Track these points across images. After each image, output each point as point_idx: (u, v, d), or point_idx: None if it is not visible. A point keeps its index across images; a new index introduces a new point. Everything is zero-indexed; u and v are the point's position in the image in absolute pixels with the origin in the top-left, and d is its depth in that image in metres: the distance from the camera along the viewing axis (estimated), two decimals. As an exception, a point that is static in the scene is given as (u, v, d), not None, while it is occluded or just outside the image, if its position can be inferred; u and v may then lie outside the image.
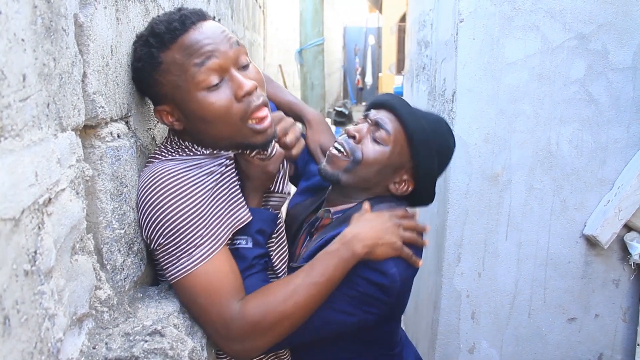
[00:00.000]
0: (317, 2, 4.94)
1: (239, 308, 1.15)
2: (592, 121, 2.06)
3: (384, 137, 1.39)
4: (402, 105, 1.42)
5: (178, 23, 1.13)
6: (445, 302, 2.26)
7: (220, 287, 1.15)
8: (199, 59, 1.13)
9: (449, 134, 1.48)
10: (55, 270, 0.79)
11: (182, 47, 1.13)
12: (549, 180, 2.12)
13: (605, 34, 1.99)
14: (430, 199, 1.51)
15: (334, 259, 1.21)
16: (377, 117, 1.42)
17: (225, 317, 1.14)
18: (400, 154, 1.40)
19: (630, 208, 2.00)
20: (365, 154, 1.39)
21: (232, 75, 1.17)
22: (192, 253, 1.13)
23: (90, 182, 0.99)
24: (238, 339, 1.16)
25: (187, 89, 1.14)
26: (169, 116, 1.21)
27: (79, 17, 0.92)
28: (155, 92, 1.19)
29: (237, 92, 1.16)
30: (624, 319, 2.21)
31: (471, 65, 2.05)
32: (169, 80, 1.15)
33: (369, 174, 1.40)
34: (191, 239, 1.13)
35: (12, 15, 0.67)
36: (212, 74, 1.14)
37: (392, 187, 1.44)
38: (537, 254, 2.19)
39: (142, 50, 1.15)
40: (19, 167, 0.68)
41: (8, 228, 0.64)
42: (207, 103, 1.15)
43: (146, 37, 1.15)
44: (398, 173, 1.43)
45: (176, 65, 1.13)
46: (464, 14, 2.03)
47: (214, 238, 1.16)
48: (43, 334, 0.74)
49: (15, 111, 0.67)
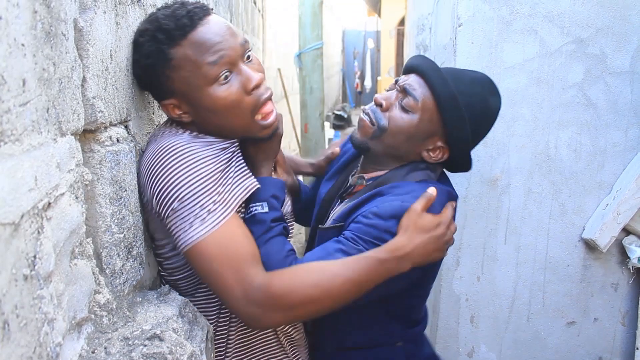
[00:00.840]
0: (316, 5, 4.94)
1: (265, 277, 1.13)
2: (591, 125, 2.07)
3: (411, 104, 1.33)
4: (432, 69, 1.35)
5: (187, 19, 1.14)
6: (444, 306, 2.26)
7: (237, 250, 1.13)
8: (213, 57, 1.14)
9: (490, 94, 1.39)
10: (54, 275, 0.79)
11: (193, 44, 1.14)
12: (547, 184, 2.12)
13: (603, 38, 2.00)
14: (467, 166, 1.45)
15: (381, 268, 1.18)
16: (405, 83, 1.36)
17: (244, 282, 1.11)
18: (431, 120, 1.34)
19: (628, 212, 2.00)
20: (391, 122, 1.35)
21: (241, 68, 1.19)
22: (205, 218, 1.12)
23: (90, 186, 0.99)
24: (257, 305, 1.12)
25: (199, 84, 1.16)
26: (176, 109, 1.22)
27: (78, 21, 0.92)
28: (164, 87, 1.20)
29: (246, 85, 1.19)
30: (623, 322, 2.22)
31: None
32: (181, 76, 1.16)
33: (397, 142, 1.36)
34: (205, 204, 1.12)
35: (12, 20, 0.67)
36: (223, 69, 1.16)
37: (426, 155, 1.38)
38: (536, 258, 2.19)
39: (151, 46, 1.15)
40: (19, 172, 0.68)
41: (7, 233, 0.64)
42: (220, 97, 1.17)
43: (153, 33, 1.15)
44: (430, 140, 1.37)
45: (188, 61, 1.14)
46: (462, 18, 2.03)
47: (226, 204, 1.15)
48: (42, 339, 0.73)
49: (15, 116, 0.67)
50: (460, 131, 1.34)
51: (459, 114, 1.32)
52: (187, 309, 1.20)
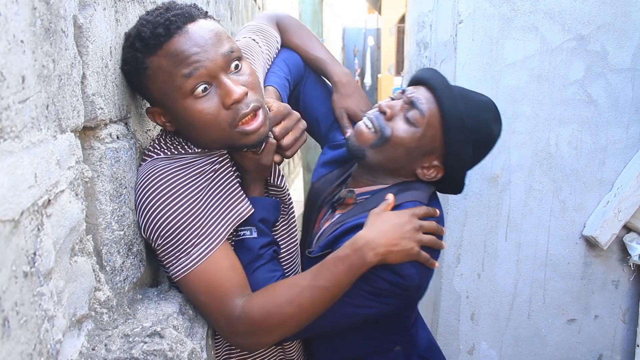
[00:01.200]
0: (316, 3, 4.94)
1: (243, 306, 1.15)
2: (592, 122, 2.06)
3: (417, 117, 1.30)
4: (443, 85, 1.32)
5: (162, 28, 1.08)
6: (445, 303, 2.26)
7: (221, 284, 1.15)
8: (187, 69, 1.08)
9: (494, 122, 1.37)
10: (54, 272, 0.79)
11: (167, 54, 1.08)
12: (548, 181, 2.12)
13: (604, 35, 2.00)
14: (459, 189, 1.43)
15: (344, 265, 1.16)
16: (413, 95, 1.33)
17: (227, 314, 1.15)
18: (433, 138, 1.31)
19: (629, 209, 2.00)
20: (394, 132, 1.32)
21: (221, 81, 1.12)
22: (190, 252, 1.13)
23: (90, 183, 0.99)
24: (242, 334, 1.17)
25: (174, 97, 1.11)
26: (161, 117, 1.19)
27: (78, 18, 0.92)
28: (145, 95, 1.19)
29: (224, 100, 1.12)
30: (624, 319, 2.21)
31: (470, 67, 2.05)
32: (156, 87, 1.12)
33: (396, 154, 1.33)
34: (188, 239, 1.13)
35: (11, 16, 0.67)
36: (200, 82, 1.10)
37: (420, 172, 1.36)
38: (537, 255, 2.19)
39: (129, 53, 1.11)
40: (19, 169, 0.68)
41: (7, 229, 0.64)
42: (195, 111, 1.12)
43: (132, 40, 1.11)
44: (428, 158, 1.35)
45: (163, 72, 1.10)
46: (463, 15, 2.03)
47: (212, 236, 1.16)
48: (42, 336, 0.73)
49: (15, 113, 0.67)
50: (461, 154, 1.33)
51: (463, 136, 1.30)
52: (187, 306, 1.20)
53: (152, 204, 1.12)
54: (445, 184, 1.42)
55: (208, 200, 1.18)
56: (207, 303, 1.16)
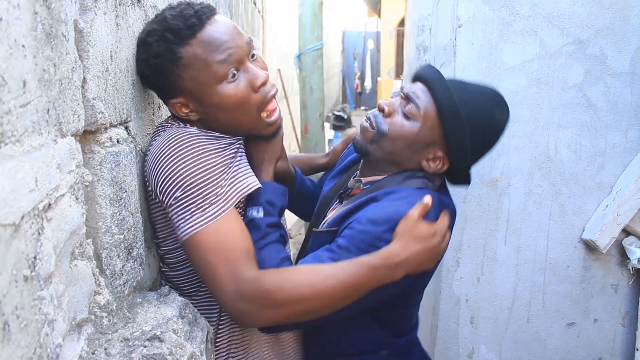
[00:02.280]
0: (316, 6, 4.95)
1: (256, 272, 1.14)
2: (591, 126, 2.07)
3: (413, 111, 1.34)
4: (436, 78, 1.36)
5: (196, 19, 1.17)
6: (444, 307, 2.26)
7: (231, 246, 1.15)
8: (221, 55, 1.17)
9: (496, 108, 1.37)
10: (54, 276, 0.79)
11: (202, 43, 1.17)
12: (547, 184, 2.12)
13: (603, 39, 2.00)
14: (465, 180, 1.45)
15: (372, 273, 1.17)
16: (409, 91, 1.37)
17: (236, 276, 1.12)
18: (432, 129, 1.34)
19: (628, 213, 2.00)
20: (390, 128, 1.35)
21: (248, 67, 1.23)
22: (206, 209, 1.14)
23: (90, 187, 0.99)
24: (247, 300, 1.12)
25: (209, 82, 1.19)
26: (183, 108, 1.24)
27: (79, 22, 0.93)
28: (173, 86, 1.22)
29: (254, 82, 1.22)
30: (623, 323, 2.22)
31: (470, 70, 2.06)
32: (190, 75, 1.18)
33: (396, 148, 1.36)
34: (206, 196, 1.14)
35: (12, 21, 0.67)
36: (231, 67, 1.19)
37: (425, 164, 1.38)
38: (536, 259, 2.19)
39: (160, 46, 1.17)
40: (19, 173, 0.68)
41: (8, 234, 0.64)
42: (228, 95, 1.20)
43: (162, 33, 1.17)
44: (431, 149, 1.37)
45: (198, 59, 1.17)
46: (462, 19, 2.04)
47: (227, 198, 1.17)
48: (42, 340, 0.74)
49: (16, 117, 0.67)
50: (460, 141, 1.33)
51: (459, 123, 1.31)
52: (187, 310, 1.20)
53: (178, 158, 1.14)
54: (453, 176, 1.44)
55: (229, 167, 1.21)
56: (215, 264, 1.13)
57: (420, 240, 1.22)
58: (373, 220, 1.24)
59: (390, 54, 11.65)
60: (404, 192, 1.32)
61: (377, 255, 1.19)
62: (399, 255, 1.19)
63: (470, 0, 2.02)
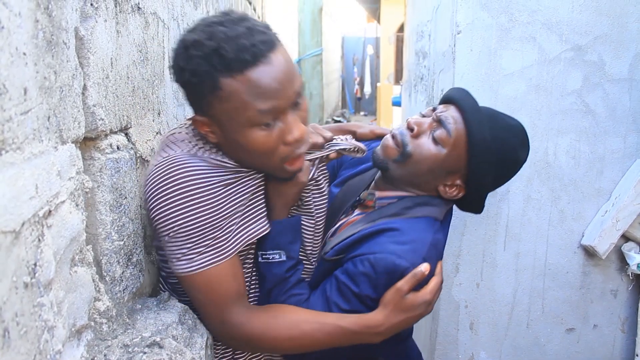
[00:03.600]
0: (316, 12, 4.97)
1: (242, 317, 1.20)
2: (589, 132, 2.07)
3: (443, 137, 1.31)
4: (472, 108, 1.33)
5: (249, 55, 1.03)
6: (444, 313, 2.26)
7: (222, 290, 1.18)
8: (265, 105, 1.06)
9: (520, 146, 1.37)
10: (54, 282, 0.79)
11: (248, 82, 1.04)
12: (546, 190, 2.13)
13: (601, 45, 2.01)
14: (478, 209, 1.45)
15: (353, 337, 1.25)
16: (442, 115, 1.33)
17: (223, 318, 1.19)
18: (458, 158, 1.32)
19: (627, 218, 2.01)
20: (417, 150, 1.33)
21: (286, 118, 1.12)
22: (193, 258, 1.13)
23: (90, 194, 0.99)
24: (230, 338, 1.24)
25: (240, 123, 1.09)
26: (205, 127, 1.15)
27: (79, 30, 0.93)
28: (201, 106, 1.13)
29: (286, 137, 1.12)
30: (623, 329, 2.21)
31: (469, 77, 2.06)
32: (223, 108, 1.08)
33: (419, 171, 1.34)
34: (204, 241, 1.13)
35: (14, 29, 0.67)
36: (269, 116, 1.09)
37: (442, 189, 1.37)
38: (535, 264, 2.19)
39: (201, 65, 1.04)
40: (20, 180, 0.68)
41: (8, 240, 0.65)
42: (256, 141, 1.11)
43: (208, 52, 1.04)
44: (451, 177, 1.36)
45: (237, 98, 1.06)
46: (461, 25, 2.04)
47: (222, 249, 1.16)
48: (42, 346, 0.74)
49: (17, 124, 0.68)
50: (483, 176, 1.34)
51: (487, 159, 1.31)
52: (186, 316, 1.20)
53: (171, 197, 1.09)
54: (466, 203, 1.43)
55: (230, 210, 1.17)
56: (204, 303, 1.19)
57: (405, 311, 1.25)
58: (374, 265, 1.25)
59: (390, 59, 11.66)
60: (411, 234, 1.30)
61: (359, 322, 1.24)
62: (380, 325, 1.24)
63: (470, 7, 2.03)
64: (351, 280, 1.26)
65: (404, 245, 1.27)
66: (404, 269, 1.23)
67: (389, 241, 1.28)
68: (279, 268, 1.27)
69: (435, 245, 1.31)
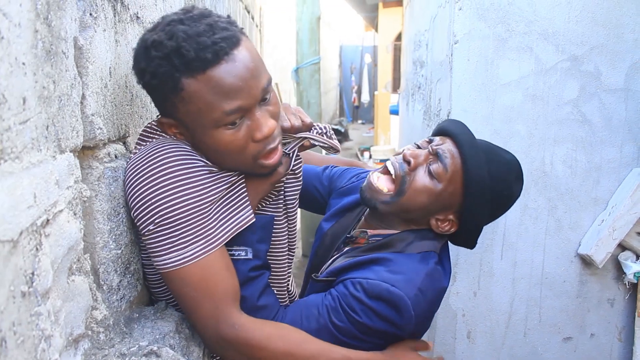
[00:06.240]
0: (314, 21, 4.98)
1: (240, 319, 1.12)
2: (586, 141, 2.08)
3: (440, 172, 1.27)
4: (469, 143, 1.29)
5: (210, 53, 0.99)
6: (441, 322, 2.26)
7: (216, 284, 1.10)
8: (229, 106, 1.02)
9: (515, 182, 1.35)
10: (52, 291, 0.79)
11: (210, 81, 1.00)
12: (543, 200, 2.13)
13: (597, 55, 2.02)
14: (471, 244, 1.41)
15: None
16: (439, 148, 1.30)
17: (219, 316, 1.11)
18: (453, 194, 1.29)
19: (624, 228, 2.01)
20: (411, 185, 1.29)
21: (254, 115, 1.07)
22: (185, 248, 1.06)
23: (88, 202, 0.99)
24: (225, 342, 1.13)
25: (205, 124, 1.05)
26: (173, 128, 1.12)
27: (78, 40, 0.93)
28: (164, 108, 1.09)
29: (255, 134, 1.08)
30: (620, 338, 2.22)
31: (466, 86, 2.07)
32: (187, 110, 1.04)
33: (411, 206, 1.30)
34: (187, 235, 1.06)
35: (13, 39, 0.68)
36: (235, 116, 1.04)
37: (434, 224, 1.33)
38: (532, 274, 2.19)
39: (162, 66, 1.00)
40: (18, 189, 0.68)
41: (6, 250, 0.65)
42: (223, 140, 1.07)
43: (168, 53, 0.99)
44: (444, 212, 1.32)
45: (200, 99, 1.02)
46: (458, 35, 2.06)
47: (211, 238, 1.09)
48: (39, 356, 0.73)
49: (15, 134, 0.68)
50: (478, 212, 1.31)
51: (483, 196, 1.28)
52: (183, 325, 1.20)
53: (156, 186, 1.04)
54: (459, 237, 1.40)
55: (223, 198, 1.13)
56: (199, 300, 1.09)
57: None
58: (366, 290, 1.22)
59: (388, 68, 11.68)
60: (406, 265, 1.27)
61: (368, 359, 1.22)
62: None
63: (467, 17, 2.04)
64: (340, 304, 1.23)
65: (399, 275, 1.24)
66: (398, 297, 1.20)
67: (384, 271, 1.25)
68: (243, 266, 1.20)
69: (431, 275, 1.27)
